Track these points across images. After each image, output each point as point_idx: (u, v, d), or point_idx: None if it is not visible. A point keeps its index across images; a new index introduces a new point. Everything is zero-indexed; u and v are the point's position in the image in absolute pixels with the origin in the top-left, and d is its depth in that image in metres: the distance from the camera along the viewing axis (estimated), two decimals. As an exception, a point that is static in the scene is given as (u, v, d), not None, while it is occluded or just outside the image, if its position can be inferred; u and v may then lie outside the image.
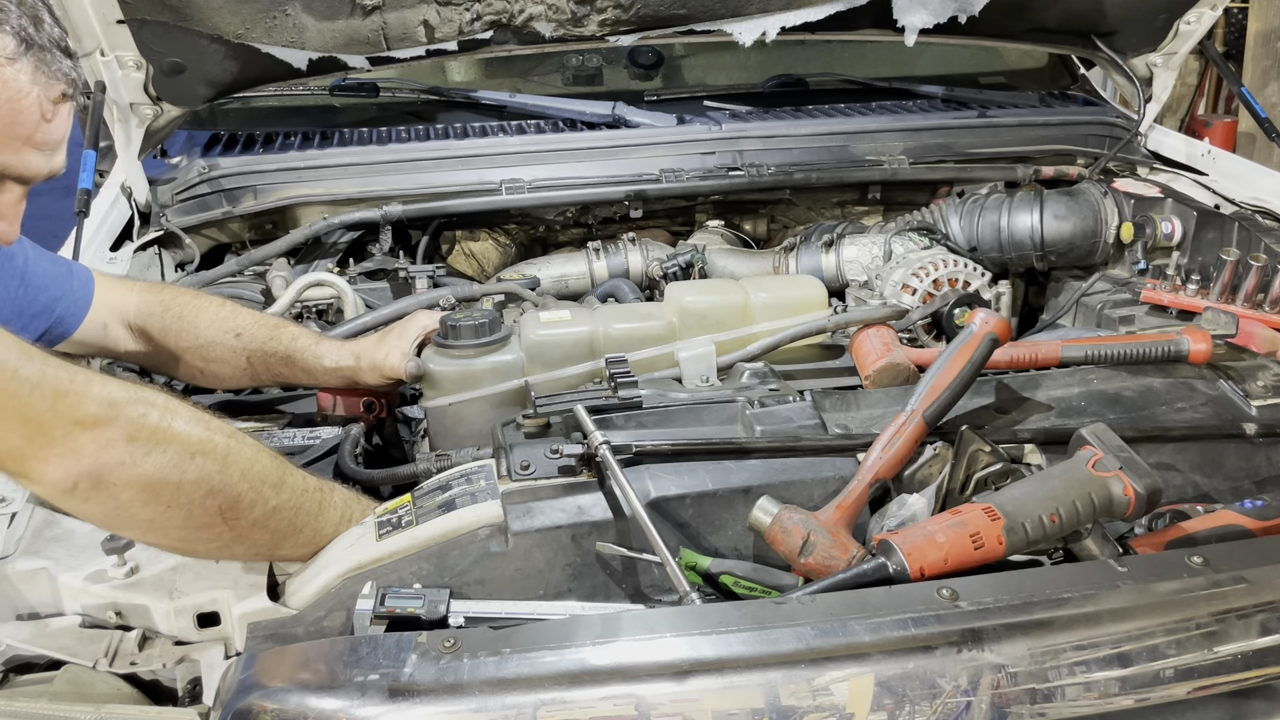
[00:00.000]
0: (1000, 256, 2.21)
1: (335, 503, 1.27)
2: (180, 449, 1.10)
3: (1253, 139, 4.88)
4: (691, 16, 2.14)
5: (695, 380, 1.59)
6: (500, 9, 2.05)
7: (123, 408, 1.08)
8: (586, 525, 1.25)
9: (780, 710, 0.97)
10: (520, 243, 2.46)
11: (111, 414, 1.07)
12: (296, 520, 1.22)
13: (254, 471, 1.17)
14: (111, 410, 1.07)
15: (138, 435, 1.08)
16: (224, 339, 1.61)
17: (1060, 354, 1.61)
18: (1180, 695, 1.06)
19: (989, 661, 1.00)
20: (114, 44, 1.95)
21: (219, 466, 1.13)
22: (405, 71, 2.59)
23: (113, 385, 1.10)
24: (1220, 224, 2.03)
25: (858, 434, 1.38)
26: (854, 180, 2.33)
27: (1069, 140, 2.43)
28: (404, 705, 0.95)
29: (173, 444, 1.10)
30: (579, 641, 1.00)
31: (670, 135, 2.33)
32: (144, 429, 1.09)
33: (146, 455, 1.08)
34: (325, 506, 1.26)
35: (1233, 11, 5.15)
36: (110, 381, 1.10)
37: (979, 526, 1.13)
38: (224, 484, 1.13)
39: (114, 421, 1.07)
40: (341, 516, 1.27)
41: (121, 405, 1.08)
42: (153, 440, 1.09)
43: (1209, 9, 2.33)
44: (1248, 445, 1.46)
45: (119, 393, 1.09)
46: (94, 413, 1.05)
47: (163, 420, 1.10)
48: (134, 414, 1.09)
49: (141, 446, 1.08)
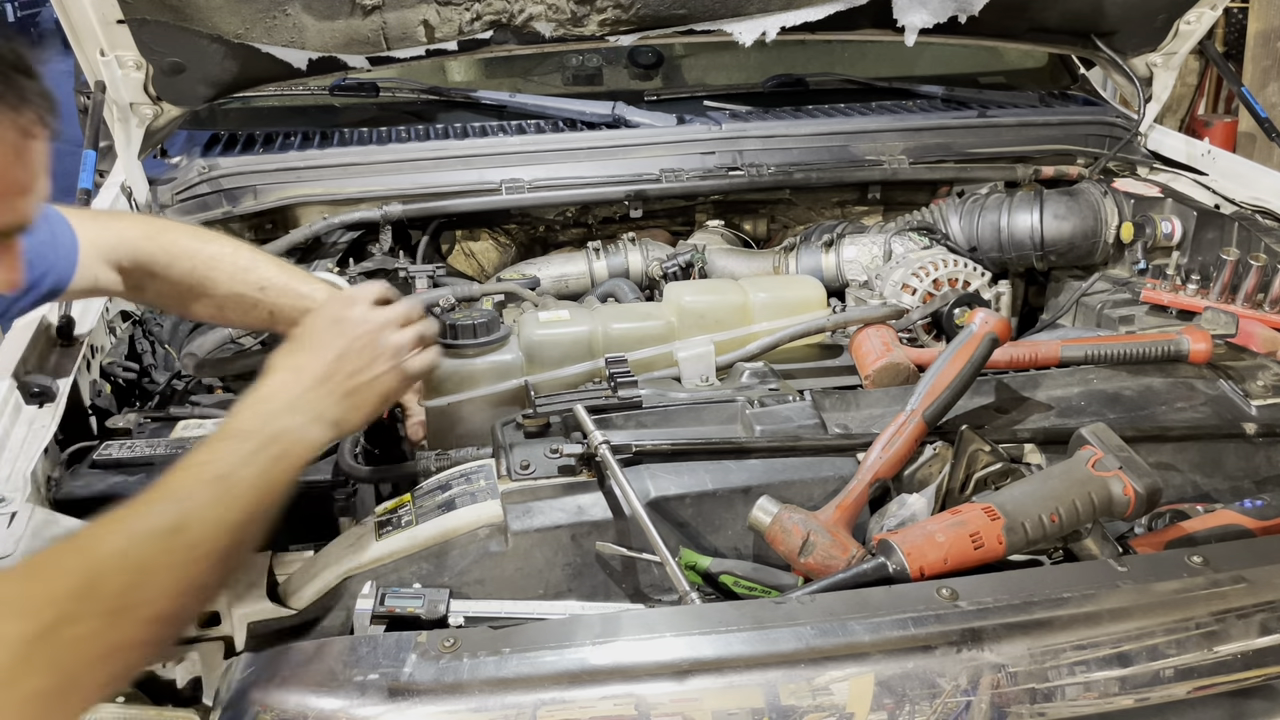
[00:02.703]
0: (1000, 256, 2.21)
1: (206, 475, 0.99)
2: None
3: (1253, 139, 4.88)
4: (691, 16, 2.14)
5: (695, 380, 1.59)
6: (500, 9, 2.05)
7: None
8: (586, 525, 1.25)
9: (780, 710, 0.97)
10: (520, 243, 2.46)
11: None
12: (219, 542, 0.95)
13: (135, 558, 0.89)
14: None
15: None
16: (247, 292, 1.46)
17: (1060, 354, 1.61)
18: (1180, 695, 1.06)
19: (989, 661, 1.00)
20: (114, 44, 1.95)
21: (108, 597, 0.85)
22: (405, 71, 2.59)
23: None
24: (1220, 224, 2.03)
25: (858, 434, 1.38)
26: (854, 180, 2.33)
27: (1069, 140, 2.43)
28: (404, 705, 0.95)
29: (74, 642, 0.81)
30: (579, 641, 1.00)
31: (670, 135, 2.33)
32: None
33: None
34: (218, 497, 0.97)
35: (1233, 11, 5.15)
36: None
37: (979, 526, 1.13)
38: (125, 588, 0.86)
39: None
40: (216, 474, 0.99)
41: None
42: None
43: (1209, 9, 2.33)
44: (1248, 445, 1.46)
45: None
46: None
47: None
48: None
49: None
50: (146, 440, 1.45)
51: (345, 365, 1.18)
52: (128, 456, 1.40)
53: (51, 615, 0.80)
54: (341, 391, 1.16)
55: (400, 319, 1.26)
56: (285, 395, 1.12)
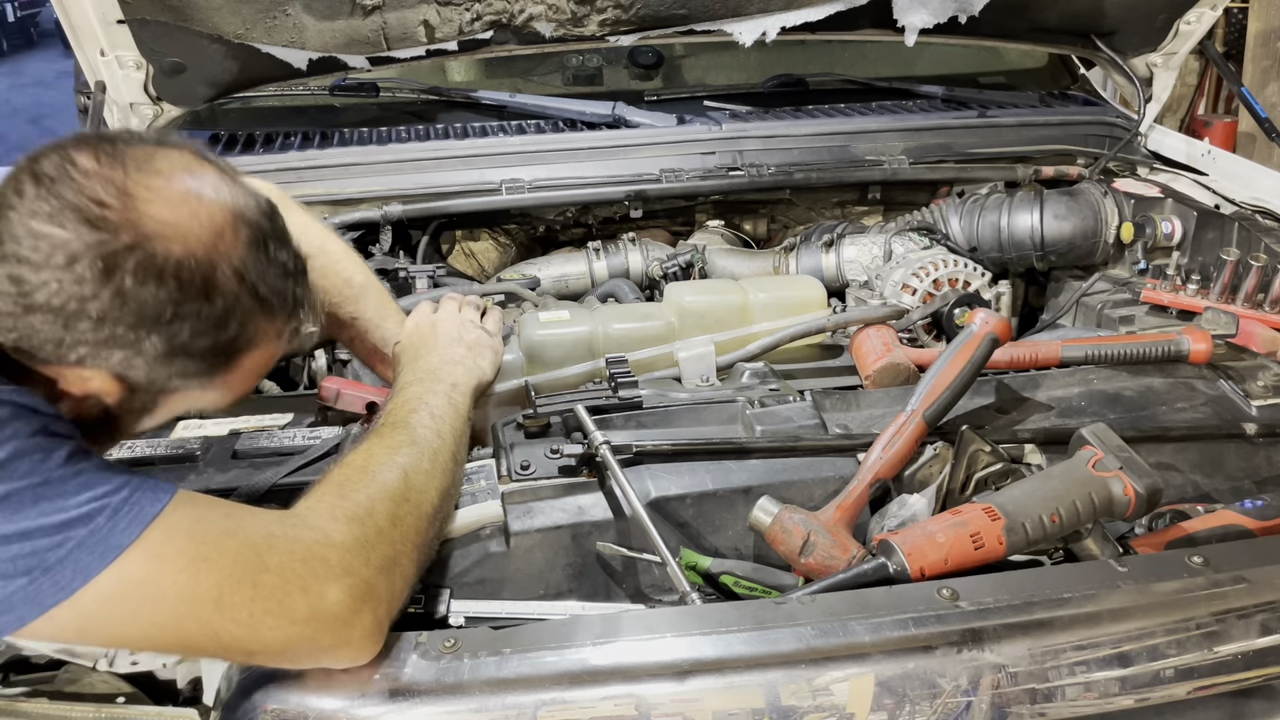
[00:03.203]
0: (1000, 256, 2.21)
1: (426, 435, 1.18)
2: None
3: (1253, 139, 4.88)
4: (691, 16, 2.14)
5: (695, 380, 1.59)
6: (500, 9, 2.05)
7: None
8: (587, 525, 1.25)
9: (780, 710, 0.97)
10: (520, 243, 2.46)
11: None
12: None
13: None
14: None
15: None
16: (341, 316, 1.52)
17: (1060, 354, 1.61)
18: (1180, 695, 1.06)
19: (989, 661, 1.00)
20: (114, 44, 1.95)
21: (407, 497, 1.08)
22: (405, 71, 2.59)
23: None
24: (1220, 224, 2.03)
25: (858, 434, 1.38)
26: (854, 180, 2.33)
27: (1069, 140, 2.43)
28: (404, 705, 0.95)
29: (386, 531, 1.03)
30: (579, 642, 1.00)
31: (670, 135, 2.33)
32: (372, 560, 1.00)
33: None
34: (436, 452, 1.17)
35: (1233, 11, 5.15)
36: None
37: (979, 526, 1.13)
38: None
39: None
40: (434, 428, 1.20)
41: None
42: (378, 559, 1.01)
43: (1209, 9, 2.33)
44: (1248, 445, 1.46)
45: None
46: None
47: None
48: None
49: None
50: (147, 441, 1.45)
51: (453, 339, 1.38)
52: (128, 456, 1.40)
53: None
54: (463, 348, 1.37)
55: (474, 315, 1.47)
56: (420, 372, 1.29)
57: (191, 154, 1.03)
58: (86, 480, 0.90)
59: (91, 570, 0.88)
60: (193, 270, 0.95)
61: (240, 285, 0.98)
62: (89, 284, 0.91)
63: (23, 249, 0.91)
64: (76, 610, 0.89)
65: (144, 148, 0.99)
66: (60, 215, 0.91)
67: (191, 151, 1.03)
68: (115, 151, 0.96)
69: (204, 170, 1.01)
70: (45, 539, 0.87)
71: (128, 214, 0.93)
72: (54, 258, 0.91)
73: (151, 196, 0.94)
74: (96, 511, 0.89)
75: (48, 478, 0.89)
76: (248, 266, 0.99)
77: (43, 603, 0.88)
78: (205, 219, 0.97)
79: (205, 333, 0.97)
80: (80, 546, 0.88)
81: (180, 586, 0.91)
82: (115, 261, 0.91)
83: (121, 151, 0.96)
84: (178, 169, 0.99)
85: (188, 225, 0.95)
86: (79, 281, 0.91)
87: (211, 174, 1.02)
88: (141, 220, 0.93)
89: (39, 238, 0.91)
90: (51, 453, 0.90)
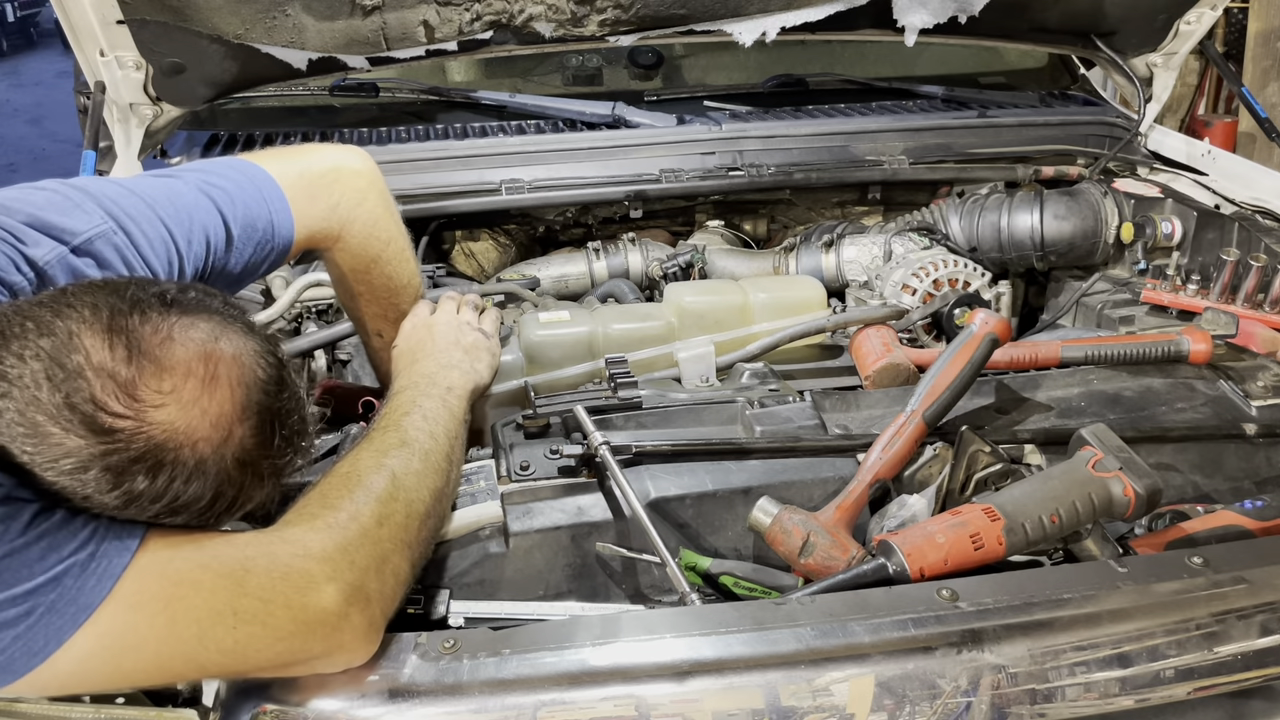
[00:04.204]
0: (1000, 256, 2.21)
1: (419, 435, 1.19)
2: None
3: (1253, 139, 4.87)
4: (691, 16, 2.14)
5: (695, 380, 1.59)
6: (500, 9, 2.05)
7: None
8: (586, 526, 1.25)
9: (780, 711, 0.97)
10: (520, 243, 2.46)
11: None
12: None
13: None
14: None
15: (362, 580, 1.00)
16: (384, 329, 1.53)
17: (1060, 354, 1.61)
18: (1180, 696, 1.06)
19: (989, 662, 1.00)
20: (114, 44, 1.95)
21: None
22: (405, 71, 2.59)
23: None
24: (1220, 224, 2.03)
25: (858, 434, 1.38)
26: (854, 180, 2.33)
27: (1069, 140, 2.43)
28: (404, 706, 0.95)
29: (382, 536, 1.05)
30: (579, 642, 1.00)
31: (670, 135, 2.33)
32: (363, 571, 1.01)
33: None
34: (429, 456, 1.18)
35: (1233, 11, 5.14)
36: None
37: (979, 527, 1.13)
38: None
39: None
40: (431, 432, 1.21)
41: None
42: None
43: (1209, 9, 2.33)
44: (1248, 445, 1.46)
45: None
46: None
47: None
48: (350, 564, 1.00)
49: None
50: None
51: (450, 343, 1.40)
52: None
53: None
54: (459, 351, 1.39)
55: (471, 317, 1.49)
56: (416, 377, 1.32)
57: (210, 322, 0.97)
58: (50, 543, 0.89)
59: (64, 633, 0.88)
60: (198, 467, 0.93)
61: (242, 471, 0.97)
62: (92, 485, 0.89)
63: (26, 443, 0.88)
64: (55, 671, 0.89)
65: (162, 323, 0.94)
66: (68, 419, 0.88)
67: (209, 317, 0.98)
68: (129, 339, 0.91)
69: (220, 349, 0.96)
70: (13, 609, 0.86)
71: (138, 424, 0.90)
72: (62, 463, 0.88)
73: (163, 401, 0.91)
74: (63, 574, 0.88)
75: (10, 549, 0.87)
76: (252, 456, 0.98)
77: (16, 670, 0.88)
78: (215, 417, 0.94)
79: (203, 510, 0.96)
80: (50, 611, 0.87)
81: (159, 630, 0.91)
82: (124, 468, 0.90)
83: (135, 338, 0.91)
84: (193, 358, 0.94)
85: (198, 426, 0.93)
86: (84, 484, 0.89)
87: (228, 351, 0.96)
88: (152, 430, 0.90)
89: (44, 437, 0.88)
90: (11, 522, 0.88)
